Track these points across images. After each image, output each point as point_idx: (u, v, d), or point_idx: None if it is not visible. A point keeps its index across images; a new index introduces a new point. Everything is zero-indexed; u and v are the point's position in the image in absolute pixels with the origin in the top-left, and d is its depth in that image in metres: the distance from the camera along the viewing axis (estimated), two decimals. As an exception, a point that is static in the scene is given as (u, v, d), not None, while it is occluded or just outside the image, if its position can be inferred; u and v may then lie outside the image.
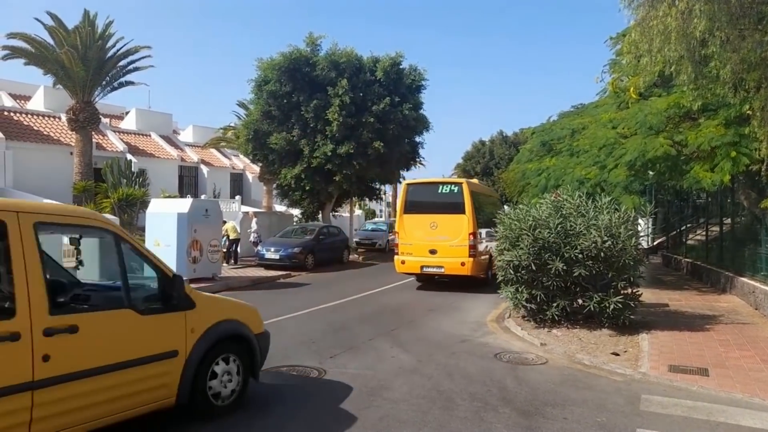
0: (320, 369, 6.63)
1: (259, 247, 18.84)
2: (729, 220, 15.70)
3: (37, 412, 3.58)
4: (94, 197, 19.91)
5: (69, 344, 3.78)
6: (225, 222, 18.78)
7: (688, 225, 22.15)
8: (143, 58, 23.51)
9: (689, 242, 20.59)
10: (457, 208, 13.81)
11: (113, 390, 4.09)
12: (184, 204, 14.08)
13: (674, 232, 24.33)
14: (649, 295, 11.35)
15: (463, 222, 13.75)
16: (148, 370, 4.34)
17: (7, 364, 3.45)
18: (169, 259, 13.30)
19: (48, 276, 3.89)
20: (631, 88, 14.11)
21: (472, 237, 13.65)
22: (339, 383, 6.08)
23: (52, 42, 21.47)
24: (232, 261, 18.73)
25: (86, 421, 3.94)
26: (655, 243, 25.42)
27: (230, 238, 18.53)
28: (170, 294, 4.59)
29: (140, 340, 4.33)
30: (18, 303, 3.55)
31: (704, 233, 18.68)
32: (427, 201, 14.44)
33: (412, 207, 14.37)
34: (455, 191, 14.10)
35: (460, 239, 13.70)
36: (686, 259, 18.58)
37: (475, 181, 18.45)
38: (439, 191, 14.40)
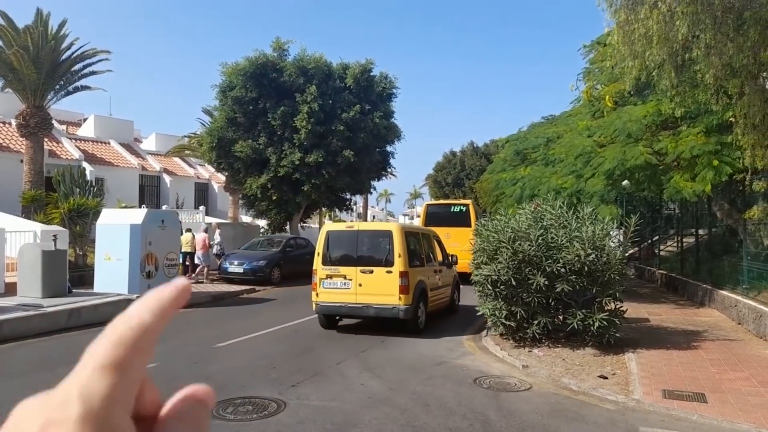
0: (279, 401, 5.84)
1: (222, 260, 17.86)
2: (702, 231, 15.53)
3: (434, 297, 10.65)
4: (44, 207, 18.61)
5: (440, 275, 11.21)
6: (188, 232, 17.75)
7: (660, 236, 22.09)
8: (101, 61, 22.27)
9: (662, 253, 20.47)
10: (465, 222, 17.50)
11: (441, 294, 11.24)
12: (138, 214, 13.05)
13: (645, 243, 24.28)
14: (628, 309, 10.90)
15: (470, 233, 18.89)
16: (446, 288, 11.66)
17: (434, 277, 10.87)
18: (120, 274, 12.30)
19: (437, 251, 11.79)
20: (607, 97, 13.82)
21: None
22: (299, 419, 5.32)
23: (0, 42, 20.16)
24: (192, 274, 17.71)
25: (438, 306, 11.05)
26: (626, 254, 25.30)
27: (182, 250, 17.42)
28: (450, 263, 12.04)
29: (446, 277, 11.61)
30: (442, 258, 12.08)
31: (676, 244, 18.55)
32: (443, 217, 18.55)
33: (431, 221, 18.25)
34: (463, 210, 18.71)
35: (467, 246, 18.00)
36: (660, 271, 18.38)
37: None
38: (452, 210, 19.13)
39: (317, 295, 9.84)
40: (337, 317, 10.26)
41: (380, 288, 9.44)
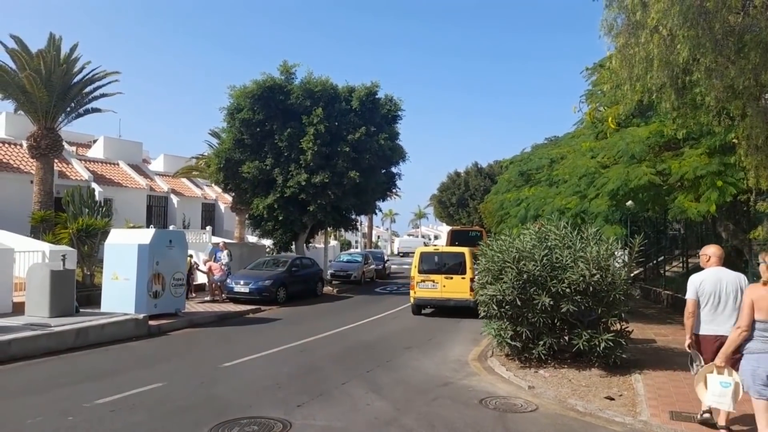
0: (285, 421, 5.86)
1: (228, 280, 17.93)
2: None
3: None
4: (53, 227, 18.79)
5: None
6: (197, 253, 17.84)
7: (665, 256, 22.01)
8: (111, 83, 22.63)
9: (667, 274, 20.37)
10: (478, 243, 21.24)
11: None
12: (146, 234, 13.18)
13: (651, 264, 24.19)
14: (634, 330, 10.85)
15: None
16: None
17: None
18: (128, 294, 12.38)
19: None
20: (610, 118, 13.95)
21: None
22: (306, 439, 5.34)
23: (14, 66, 20.60)
24: (192, 294, 17.80)
25: None
26: (632, 274, 25.16)
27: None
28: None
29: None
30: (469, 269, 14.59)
31: (681, 265, 18.49)
32: (462, 238, 23.94)
33: (454, 242, 23.83)
34: (478, 234, 23.96)
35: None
36: (666, 292, 18.27)
37: None
38: (469, 234, 25.11)
39: (415, 292, 15.06)
40: (426, 307, 15.45)
41: (457, 288, 14.60)
